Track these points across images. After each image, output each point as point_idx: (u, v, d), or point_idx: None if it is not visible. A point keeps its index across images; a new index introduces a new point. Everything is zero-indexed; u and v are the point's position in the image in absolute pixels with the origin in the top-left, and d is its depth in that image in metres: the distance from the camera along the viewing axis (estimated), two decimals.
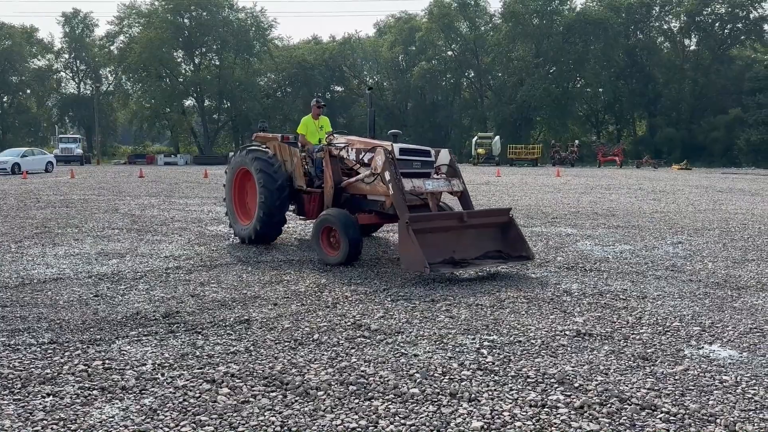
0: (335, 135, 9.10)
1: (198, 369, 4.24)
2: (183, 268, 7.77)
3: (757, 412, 3.59)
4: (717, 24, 65.82)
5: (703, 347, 4.75)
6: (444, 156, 8.46)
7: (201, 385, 3.96)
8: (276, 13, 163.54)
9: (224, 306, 5.90)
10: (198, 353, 4.56)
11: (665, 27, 70.00)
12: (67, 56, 78.34)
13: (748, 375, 4.15)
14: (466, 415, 3.54)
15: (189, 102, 74.33)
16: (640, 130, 71.71)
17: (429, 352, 4.62)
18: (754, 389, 3.91)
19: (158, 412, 3.57)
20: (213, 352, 4.58)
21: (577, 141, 58.10)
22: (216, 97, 72.18)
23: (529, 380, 4.07)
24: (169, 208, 15.32)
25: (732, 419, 3.48)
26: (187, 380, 4.04)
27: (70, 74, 79.95)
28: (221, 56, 71.78)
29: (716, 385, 3.97)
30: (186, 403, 3.70)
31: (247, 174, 9.53)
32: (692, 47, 68.52)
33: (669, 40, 70.05)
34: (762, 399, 3.76)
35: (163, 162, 59.68)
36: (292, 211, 9.53)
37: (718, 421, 3.46)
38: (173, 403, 3.68)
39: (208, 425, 3.41)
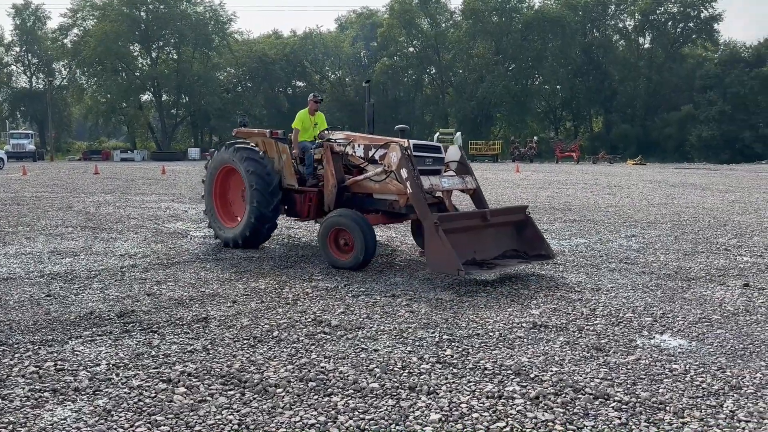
0: (329, 131, 8.61)
1: (154, 369, 4.17)
2: (139, 266, 7.62)
3: (705, 399, 3.71)
4: (670, 23, 67.71)
5: (654, 337, 4.89)
6: (454, 152, 8.14)
7: (157, 384, 3.90)
8: (235, 7, 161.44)
9: (181, 304, 5.82)
10: (154, 353, 4.49)
11: (620, 25, 71.75)
12: (18, 49, 75.92)
13: (697, 363, 4.29)
14: (424, 408, 3.57)
15: (146, 97, 72.96)
16: (597, 127, 73.32)
17: (389, 346, 4.64)
18: (702, 377, 4.04)
19: (112, 413, 3.50)
20: (169, 351, 4.51)
21: (535, 137, 59.06)
22: (174, 92, 70.95)
23: (486, 372, 4.12)
24: (125, 205, 15.00)
25: (681, 406, 3.60)
26: (143, 380, 3.97)
27: (22, 68, 77.60)
28: (179, 50, 70.56)
29: (666, 374, 4.09)
30: (141, 403, 3.64)
31: (230, 173, 8.99)
32: (646, 45, 70.39)
33: (624, 38, 71.77)
34: (709, 386, 3.89)
35: (119, 158, 58.48)
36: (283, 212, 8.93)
37: (667, 408, 3.57)
38: (128, 404, 3.62)
39: (164, 425, 3.36)
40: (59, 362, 4.26)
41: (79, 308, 5.65)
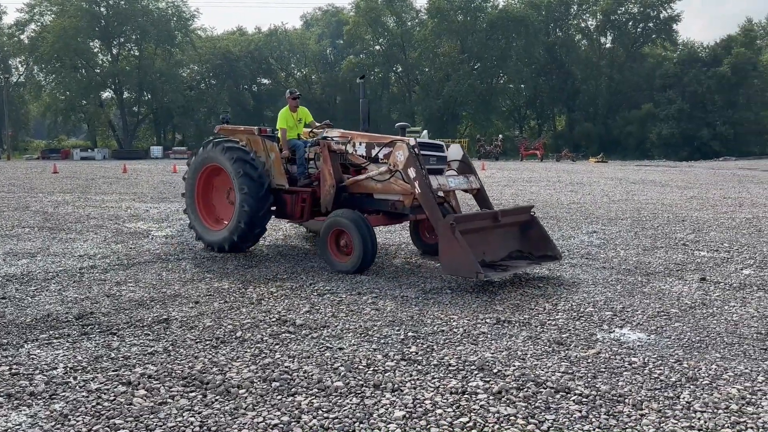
0: (324, 128, 8.38)
1: (113, 371, 4.08)
2: (98, 267, 7.46)
3: (663, 390, 3.80)
4: (630, 23, 69.08)
5: (614, 331, 4.98)
6: (456, 151, 7.90)
7: (116, 387, 3.82)
8: (198, 3, 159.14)
9: (142, 305, 5.71)
10: (113, 355, 4.39)
11: (582, 25, 72.88)
12: None
13: (655, 356, 4.38)
14: (388, 406, 3.57)
15: (107, 94, 71.49)
16: (560, 125, 74.45)
17: (354, 344, 4.63)
18: (660, 369, 4.14)
19: (69, 417, 3.42)
20: (129, 354, 4.42)
21: (501, 135, 59.67)
22: (136, 89, 69.67)
23: (450, 368, 4.15)
24: (84, 205, 14.66)
25: (639, 398, 3.67)
26: (101, 383, 3.88)
27: None
28: (141, 46, 69.29)
29: (626, 367, 4.18)
30: (99, 406, 3.56)
31: (215, 172, 8.56)
32: (608, 45, 71.71)
33: (586, 37, 72.98)
34: (667, 378, 3.98)
35: (79, 157, 57.23)
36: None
37: (626, 401, 3.65)
38: (86, 408, 3.53)
39: (123, 428, 3.30)
40: (14, 366, 4.14)
41: (36, 311, 5.51)
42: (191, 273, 7.14)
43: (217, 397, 3.68)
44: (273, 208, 8.23)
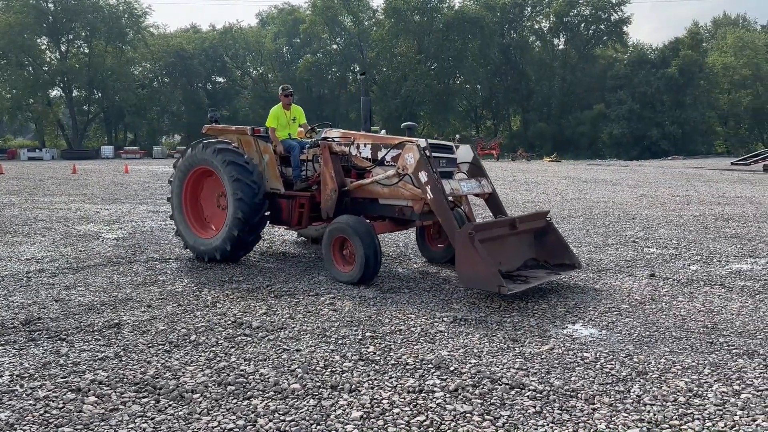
0: (323, 129, 7.80)
1: (62, 378, 3.96)
2: (46, 270, 7.22)
3: (614, 385, 3.89)
4: (582, 25, 70.68)
5: (567, 327, 5.08)
6: (466, 152, 7.42)
7: (65, 395, 3.70)
8: (150, 0, 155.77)
9: (92, 310, 5.55)
10: (62, 361, 4.26)
11: (536, 27, 74.20)
12: None
13: (607, 351, 4.49)
14: (346, 406, 3.56)
15: (55, 92, 69.33)
16: (515, 125, 75.68)
17: (312, 346, 4.60)
18: (612, 364, 4.24)
19: (16, 427, 3.30)
20: (79, 360, 4.29)
21: (458, 135, 60.03)
22: (86, 87, 67.80)
23: (408, 367, 4.16)
24: (31, 206, 14.17)
25: (592, 393, 3.76)
26: (50, 390, 3.76)
27: None
28: (91, 44, 67.44)
29: (578, 362, 4.27)
30: (48, 414, 3.45)
31: (204, 175, 8.00)
32: (561, 46, 73.20)
33: (540, 39, 74.31)
34: (618, 373, 4.08)
35: (26, 157, 55.48)
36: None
37: (579, 395, 3.72)
38: (33, 416, 3.42)
39: None
40: None
41: None
42: (143, 276, 6.98)
43: (170, 403, 3.61)
44: (267, 213, 7.75)
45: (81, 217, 12.24)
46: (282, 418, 3.42)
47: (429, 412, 3.49)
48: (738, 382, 3.92)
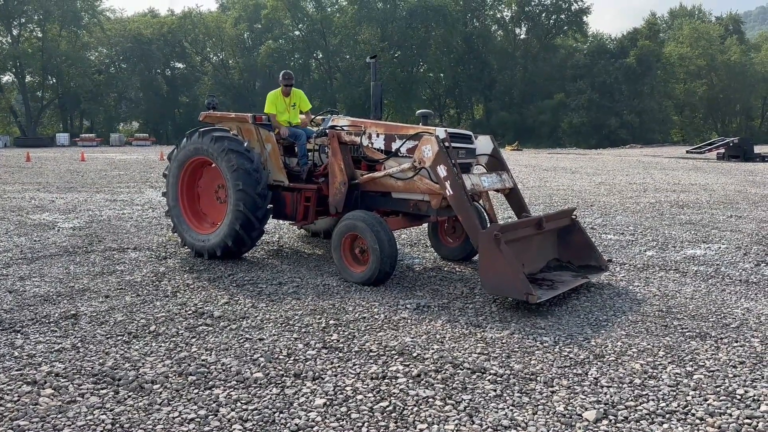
0: (331, 116, 7.41)
1: (17, 371, 3.86)
2: None
3: (572, 368, 3.98)
4: (543, 14, 71.45)
5: (527, 312, 5.17)
6: (486, 144, 6.92)
7: (20, 387, 3.61)
8: None
9: (48, 301, 5.41)
10: (17, 354, 4.15)
11: (498, 16, 74.69)
12: None
13: (565, 335, 4.59)
14: (309, 394, 3.56)
15: (7, 78, 66.99)
16: (478, 114, 76.22)
17: (275, 335, 4.58)
18: (570, 347, 4.33)
19: None
20: (34, 352, 4.19)
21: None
22: (39, 73, 65.71)
23: (371, 354, 4.18)
24: None
25: (551, 376, 3.84)
26: (4, 383, 3.66)
27: None
28: (44, 28, 65.29)
29: (537, 346, 4.35)
30: (2, 407, 3.36)
31: (202, 166, 7.52)
32: (522, 36, 73.89)
33: (502, 28, 74.85)
34: (576, 356, 4.18)
35: None
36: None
37: (538, 378, 3.80)
38: None
39: (29, 429, 3.13)
40: None
41: None
42: (101, 266, 6.83)
43: (129, 394, 3.55)
44: (270, 206, 7.22)
45: (35, 206, 11.89)
46: (244, 407, 3.41)
47: (392, 398, 3.51)
48: (691, 363, 4.05)
